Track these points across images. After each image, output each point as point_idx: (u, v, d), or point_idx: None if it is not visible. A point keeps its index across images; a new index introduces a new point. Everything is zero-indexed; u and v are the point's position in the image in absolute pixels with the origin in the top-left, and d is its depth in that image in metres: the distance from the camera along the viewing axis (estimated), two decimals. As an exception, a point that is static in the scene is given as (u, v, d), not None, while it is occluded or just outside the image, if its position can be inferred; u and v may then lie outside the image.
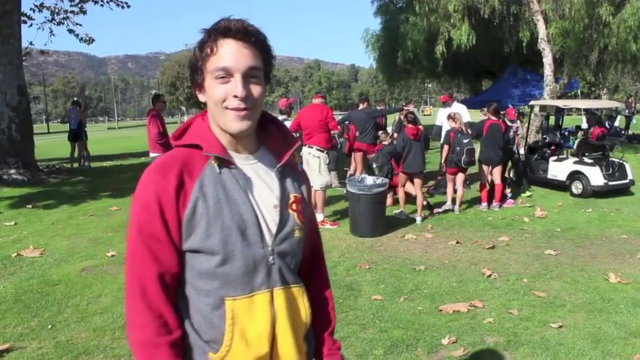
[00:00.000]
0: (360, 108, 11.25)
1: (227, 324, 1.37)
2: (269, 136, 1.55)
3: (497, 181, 9.34)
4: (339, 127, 10.22)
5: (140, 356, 1.34)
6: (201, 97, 1.44)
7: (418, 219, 8.35)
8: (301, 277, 1.55)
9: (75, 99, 20.58)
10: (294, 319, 1.46)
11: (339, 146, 11.02)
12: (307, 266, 1.63)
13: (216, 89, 1.36)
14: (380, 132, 10.01)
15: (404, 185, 8.64)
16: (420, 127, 8.82)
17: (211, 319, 1.38)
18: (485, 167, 9.36)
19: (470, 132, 9.30)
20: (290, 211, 1.49)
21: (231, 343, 1.37)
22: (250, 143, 1.49)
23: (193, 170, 1.38)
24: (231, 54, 1.34)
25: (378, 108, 13.24)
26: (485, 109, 10.13)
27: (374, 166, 9.45)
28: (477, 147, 9.22)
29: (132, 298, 1.34)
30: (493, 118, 9.44)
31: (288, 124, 8.48)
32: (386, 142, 9.34)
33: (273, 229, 1.44)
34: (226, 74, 1.35)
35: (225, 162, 1.41)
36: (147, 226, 1.34)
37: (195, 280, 1.39)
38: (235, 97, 1.35)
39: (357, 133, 10.63)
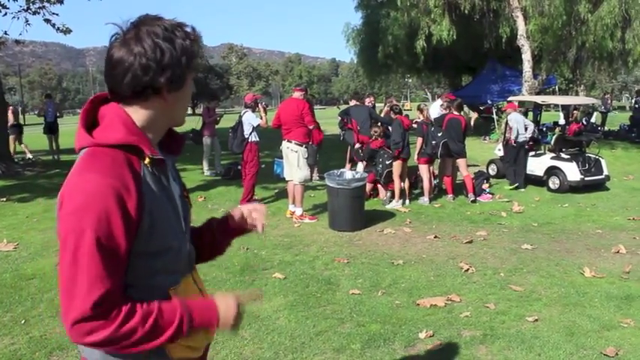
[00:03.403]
0: (353, 104, 11.04)
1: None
2: None
3: (465, 172, 9.58)
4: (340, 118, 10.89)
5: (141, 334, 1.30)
6: (172, 96, 1.38)
7: (400, 202, 9.06)
8: None
9: (48, 92, 20.52)
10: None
11: (341, 138, 11.05)
12: None
13: (192, 86, 1.46)
14: (374, 128, 9.87)
15: (400, 174, 8.88)
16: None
17: None
18: (447, 159, 9.64)
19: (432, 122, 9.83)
20: (186, 199, 1.59)
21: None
22: None
23: (137, 172, 1.34)
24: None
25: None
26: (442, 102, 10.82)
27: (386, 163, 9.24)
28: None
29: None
30: (455, 112, 9.75)
31: (251, 115, 8.45)
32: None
33: (187, 218, 1.55)
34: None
35: (157, 161, 1.40)
36: (109, 240, 1.25)
37: (148, 279, 1.39)
38: None
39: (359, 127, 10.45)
